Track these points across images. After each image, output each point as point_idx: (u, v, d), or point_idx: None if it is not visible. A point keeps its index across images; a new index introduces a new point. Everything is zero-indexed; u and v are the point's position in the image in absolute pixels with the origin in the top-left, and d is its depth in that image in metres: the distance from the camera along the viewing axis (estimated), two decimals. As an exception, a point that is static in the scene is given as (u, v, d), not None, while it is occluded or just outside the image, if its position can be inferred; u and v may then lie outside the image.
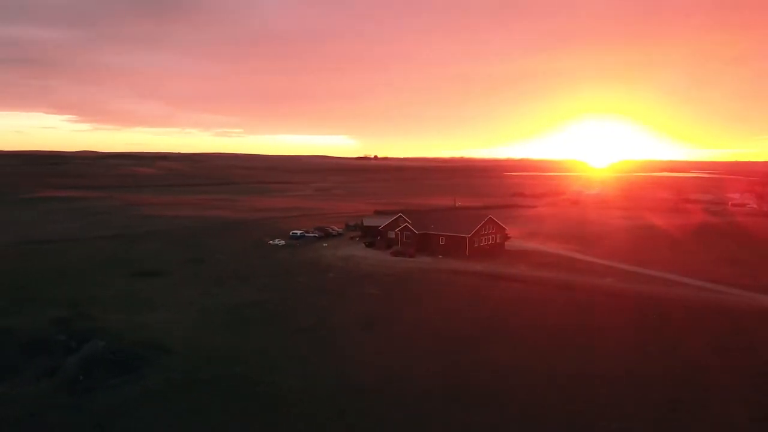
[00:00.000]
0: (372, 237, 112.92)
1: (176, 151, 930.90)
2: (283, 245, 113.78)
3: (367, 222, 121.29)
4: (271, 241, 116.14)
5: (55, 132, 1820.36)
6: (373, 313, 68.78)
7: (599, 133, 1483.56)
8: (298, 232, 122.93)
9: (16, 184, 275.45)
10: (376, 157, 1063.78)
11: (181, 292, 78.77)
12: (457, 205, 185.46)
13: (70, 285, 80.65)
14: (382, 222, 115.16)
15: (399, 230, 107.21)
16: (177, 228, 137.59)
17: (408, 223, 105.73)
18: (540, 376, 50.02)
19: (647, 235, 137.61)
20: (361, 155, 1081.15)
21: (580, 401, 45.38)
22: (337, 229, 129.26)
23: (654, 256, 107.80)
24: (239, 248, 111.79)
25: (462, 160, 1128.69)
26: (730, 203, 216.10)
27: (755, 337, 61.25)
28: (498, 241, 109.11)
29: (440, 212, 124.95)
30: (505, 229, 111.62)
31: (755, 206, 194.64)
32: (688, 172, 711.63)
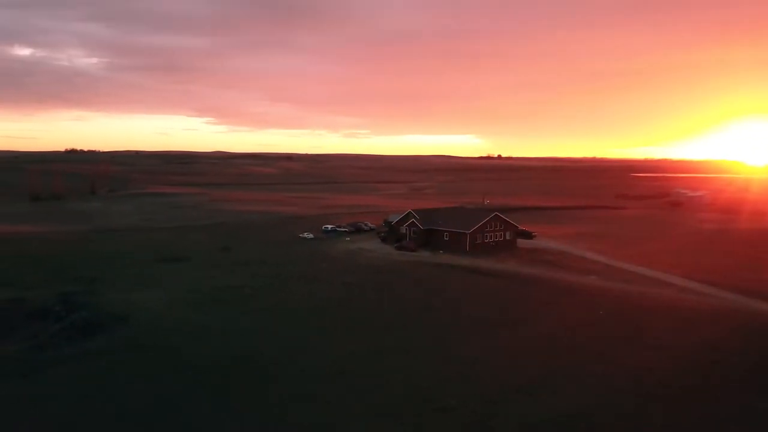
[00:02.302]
0: (387, 232, 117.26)
1: (303, 152, 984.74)
2: (311, 238, 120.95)
3: (390, 218, 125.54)
4: (301, 235, 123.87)
5: (195, 133, 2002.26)
6: (331, 298, 73.65)
7: (760, 133, 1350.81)
8: (329, 226, 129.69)
9: (132, 180, 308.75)
10: (499, 157, 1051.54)
11: (185, 275, 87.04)
12: (486, 203, 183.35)
13: (98, 266, 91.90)
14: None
15: (407, 226, 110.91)
16: (233, 221, 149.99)
17: (415, 219, 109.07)
18: (430, 357, 53.62)
19: (710, 239, 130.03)
20: (485, 155, 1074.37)
21: (441, 380, 48.49)
22: (370, 224, 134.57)
23: (682, 259, 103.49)
24: (271, 240, 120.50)
25: (593, 160, 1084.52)
26: None
27: (691, 338, 59.41)
28: (507, 238, 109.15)
29: (450, 209, 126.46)
30: (516, 226, 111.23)
31: None
32: None
